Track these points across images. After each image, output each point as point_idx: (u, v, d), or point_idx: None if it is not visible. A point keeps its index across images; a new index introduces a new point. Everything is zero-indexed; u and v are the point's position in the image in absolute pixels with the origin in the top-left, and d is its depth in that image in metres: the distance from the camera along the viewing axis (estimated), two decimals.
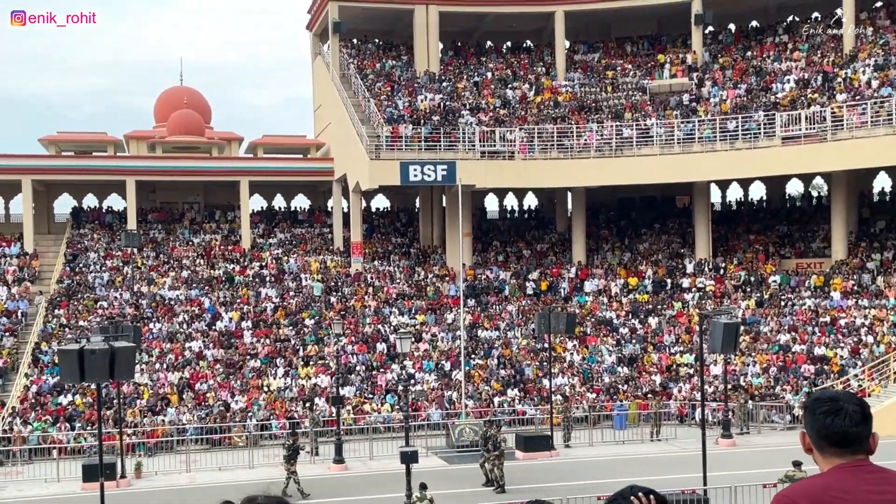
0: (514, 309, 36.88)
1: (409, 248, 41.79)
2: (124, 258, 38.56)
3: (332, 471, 24.98)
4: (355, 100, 40.32)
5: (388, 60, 44.04)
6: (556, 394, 29.73)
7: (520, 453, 26.07)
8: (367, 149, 36.30)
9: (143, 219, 41.58)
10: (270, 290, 37.06)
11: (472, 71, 44.15)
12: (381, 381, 31.69)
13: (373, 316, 35.55)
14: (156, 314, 34.71)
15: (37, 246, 39.18)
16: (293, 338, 33.97)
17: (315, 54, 46.33)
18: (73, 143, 44.59)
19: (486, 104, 41.12)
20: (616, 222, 43.93)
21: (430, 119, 39.02)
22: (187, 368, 31.56)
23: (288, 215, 44.75)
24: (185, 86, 50.07)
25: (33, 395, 29.31)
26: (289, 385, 31.09)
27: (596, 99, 41.62)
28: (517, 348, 34.29)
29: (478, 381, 31.78)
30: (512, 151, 37.87)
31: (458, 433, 27.25)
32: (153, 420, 28.50)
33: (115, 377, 16.20)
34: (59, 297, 35.47)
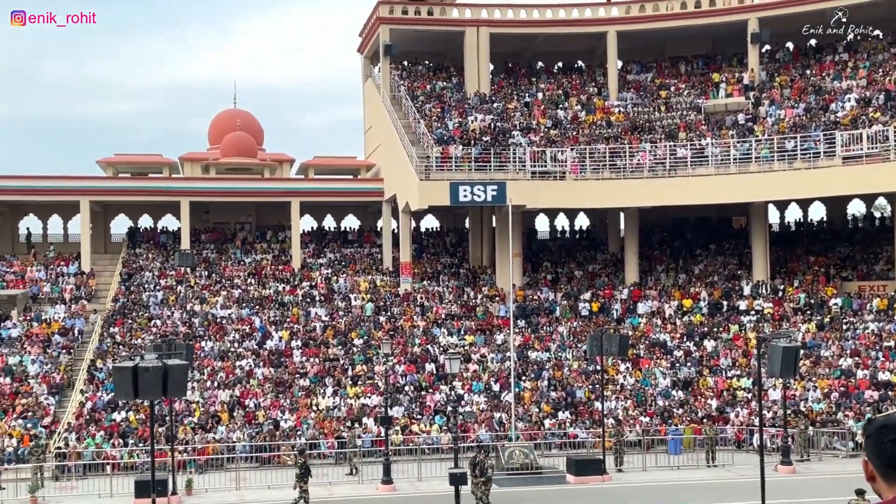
0: (565, 330, 36.67)
1: (459, 269, 41.92)
2: (178, 277, 39.42)
3: (380, 491, 25.02)
4: (405, 121, 40.80)
5: (438, 82, 44.53)
6: (608, 417, 29.40)
7: (571, 477, 25.82)
8: (417, 169, 36.64)
9: (197, 239, 42.50)
10: (320, 310, 37.47)
11: (523, 91, 44.37)
12: (429, 402, 31.71)
13: (422, 336, 35.66)
14: (208, 333, 35.33)
15: (94, 265, 40.30)
16: (342, 357, 34.25)
17: (366, 77, 47.08)
18: (130, 164, 45.90)
19: (537, 125, 41.23)
20: (670, 243, 43.50)
21: (481, 140, 39.26)
22: (238, 386, 32.01)
23: (338, 235, 45.32)
24: (239, 108, 51.26)
25: (88, 412, 30.00)
26: (337, 404, 31.29)
27: (649, 119, 41.44)
28: (568, 370, 34.03)
29: (528, 402, 31.59)
30: (563, 172, 37.86)
31: (507, 455, 27.07)
32: (204, 437, 28.91)
33: (168, 394, 16.48)
34: (115, 315, 36.36)
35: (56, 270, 39.74)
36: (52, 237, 44.31)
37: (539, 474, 26.63)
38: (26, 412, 29.89)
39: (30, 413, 29.88)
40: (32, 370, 32.44)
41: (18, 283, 38.41)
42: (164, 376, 15.67)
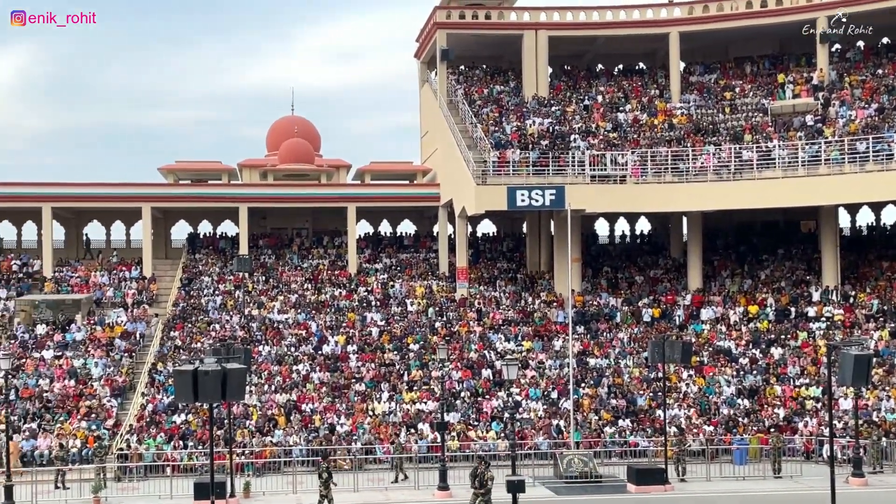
0: (626, 337, 36.32)
1: (516, 274, 41.89)
2: (236, 282, 40.25)
3: (436, 497, 25.11)
4: (462, 126, 41.01)
5: (495, 86, 44.67)
6: (670, 425, 29.01)
7: (631, 486, 25.57)
8: (474, 174, 36.78)
9: (255, 244, 43.36)
10: (376, 315, 37.81)
11: (582, 95, 44.21)
12: (486, 408, 31.70)
13: (478, 342, 35.70)
14: (265, 337, 35.95)
15: (155, 270, 41.43)
16: (398, 362, 34.49)
17: (423, 81, 47.49)
18: (190, 171, 47.06)
19: (597, 128, 41.02)
20: (735, 248, 42.80)
21: (539, 144, 39.21)
22: (294, 391, 32.48)
23: (394, 241, 45.74)
24: (296, 115, 52.14)
25: (149, 414, 30.79)
26: (393, 409, 31.50)
27: (713, 121, 40.88)
28: (629, 377, 33.68)
29: (587, 410, 31.34)
30: (623, 175, 37.58)
31: (566, 463, 26.95)
32: (262, 441, 29.38)
33: (227, 398, 16.65)
34: (175, 319, 37.28)
35: (119, 275, 40.97)
36: (115, 243, 45.69)
37: (598, 483, 26.45)
38: (90, 414, 30.83)
39: (93, 415, 30.82)
40: (96, 373, 33.46)
41: (83, 288, 39.69)
42: (223, 380, 15.85)
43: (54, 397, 31.76)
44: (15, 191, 41.01)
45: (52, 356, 34.33)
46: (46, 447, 28.92)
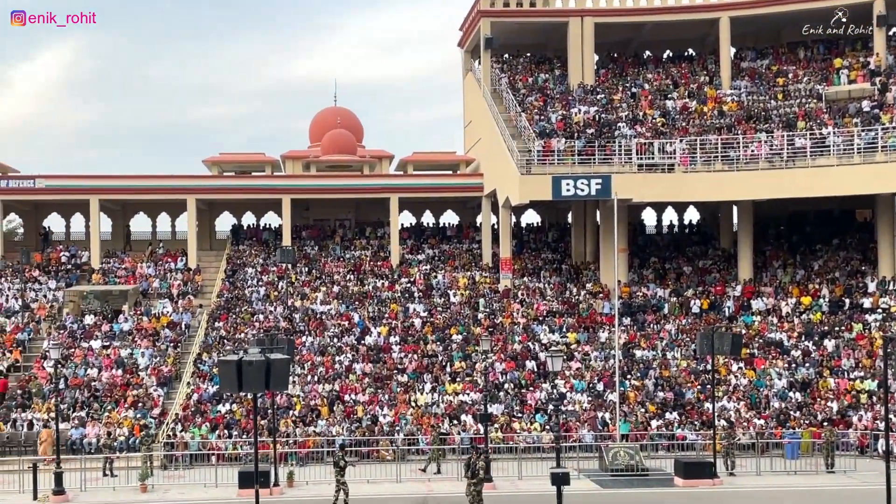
0: (673, 328, 36.00)
1: (561, 265, 41.76)
2: (279, 273, 40.80)
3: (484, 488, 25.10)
4: (506, 115, 40.93)
5: (540, 74, 44.49)
6: (719, 418, 28.69)
7: (679, 480, 25.40)
8: (518, 164, 36.70)
9: (298, 235, 43.87)
10: (418, 306, 38.01)
11: (629, 82, 43.81)
12: (530, 400, 31.71)
13: (522, 333, 35.67)
14: (308, 328, 36.38)
15: (199, 262, 42.18)
16: (441, 353, 34.64)
17: (466, 70, 47.49)
18: (234, 163, 47.76)
19: (644, 116, 40.62)
20: (787, 238, 42.10)
21: (584, 132, 38.97)
22: (337, 381, 32.83)
23: (436, 231, 45.89)
24: (339, 106, 52.49)
25: (194, 403, 31.40)
26: (436, 401, 31.67)
27: (765, 107, 40.21)
28: (676, 369, 33.38)
29: (633, 402, 31.15)
30: (672, 164, 37.17)
31: (612, 456, 26.85)
32: (305, 431, 29.78)
33: (271, 388, 16.94)
34: (219, 310, 37.93)
35: (164, 267, 41.79)
36: (161, 235, 46.63)
37: (645, 476, 26.32)
38: (137, 403, 31.56)
39: (140, 404, 31.54)
40: (142, 363, 34.22)
41: (129, 279, 40.60)
42: (266, 370, 16.12)
43: (102, 386, 32.57)
44: (63, 183, 42.05)
45: (101, 346, 35.18)
46: (94, 435, 29.68)
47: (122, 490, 25.69)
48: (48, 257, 42.20)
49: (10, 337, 35.73)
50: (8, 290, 39.36)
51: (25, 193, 41.99)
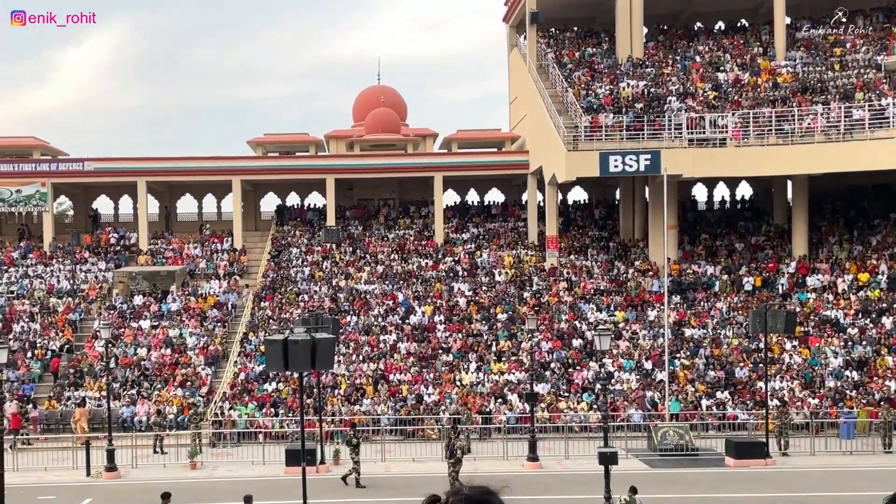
0: (725, 306, 35.57)
1: (608, 242, 41.48)
2: (324, 253, 41.23)
3: (525, 468, 25.28)
4: (552, 90, 40.60)
5: (587, 48, 44.00)
6: (772, 398, 28.33)
7: (730, 460, 25.18)
8: (565, 140, 36.42)
9: (342, 215, 44.24)
10: (463, 285, 38.10)
11: (680, 55, 43.10)
12: (577, 379, 31.65)
13: (568, 312, 35.56)
14: (352, 307, 36.74)
15: (245, 242, 42.82)
16: (486, 333, 34.72)
17: (511, 46, 47.17)
18: (278, 144, 48.25)
19: (695, 89, 39.95)
20: (843, 212, 41.20)
21: (633, 107, 38.49)
22: (382, 361, 33.13)
23: (481, 210, 45.87)
24: (382, 85, 52.61)
25: (241, 382, 31.99)
26: (481, 380, 31.78)
27: (821, 79, 39.23)
28: (728, 348, 32.99)
29: (683, 381, 30.90)
30: (724, 138, 36.55)
31: (661, 436, 26.71)
32: (350, 409, 30.15)
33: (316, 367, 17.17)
34: (265, 290, 38.49)
35: (211, 247, 42.50)
36: (207, 216, 47.40)
37: (695, 456, 26.15)
38: (185, 382, 32.27)
39: (188, 383, 32.24)
40: (190, 342, 34.95)
41: (177, 260, 41.39)
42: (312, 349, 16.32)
43: (152, 365, 33.36)
44: (111, 166, 42.97)
45: (150, 326, 36.00)
46: (145, 413, 30.45)
47: (172, 467, 26.35)
48: (98, 239, 43.22)
49: (61, 317, 36.75)
50: (59, 271, 40.47)
51: (75, 176, 43.01)
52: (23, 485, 23.66)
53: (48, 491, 23.64)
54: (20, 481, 23.87)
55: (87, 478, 25.02)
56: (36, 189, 42.07)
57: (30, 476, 25.24)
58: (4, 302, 37.87)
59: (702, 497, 21.91)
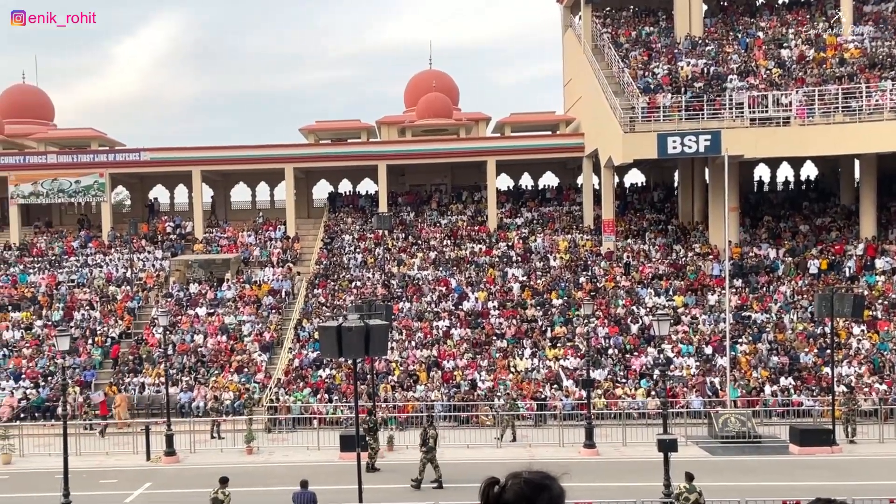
0: (789, 290, 34.92)
1: (667, 225, 41.00)
2: (376, 240, 41.57)
3: (582, 455, 25.22)
4: (608, 71, 40.19)
5: (644, 27, 43.45)
6: (838, 384, 27.75)
7: (794, 447, 24.78)
8: (621, 121, 36.06)
9: (394, 202, 44.52)
10: (517, 270, 38.07)
11: (741, 32, 42.28)
12: (634, 365, 31.42)
13: (626, 297, 35.29)
14: (405, 294, 37.00)
15: (298, 230, 43.40)
16: (540, 318, 34.66)
17: (566, 27, 46.80)
18: (330, 131, 48.69)
19: (757, 67, 39.15)
20: None
21: (692, 86, 37.90)
22: (435, 347, 33.33)
23: (535, 194, 45.71)
24: (434, 69, 52.65)
25: (296, 369, 32.50)
26: (536, 366, 31.77)
27: (890, 54, 38.12)
28: (792, 333, 32.39)
29: (745, 367, 30.45)
30: (787, 117, 35.77)
31: (721, 422, 26.39)
32: (403, 396, 30.43)
33: (370, 353, 17.31)
34: (318, 277, 38.99)
35: (264, 235, 43.19)
36: (260, 204, 48.15)
37: (757, 443, 25.79)
38: (241, 368, 32.92)
39: (244, 369, 32.88)
40: (245, 329, 35.60)
41: (231, 248, 42.17)
42: (366, 336, 16.46)
43: (208, 352, 34.10)
44: (167, 156, 43.91)
45: (206, 313, 36.77)
46: (202, 399, 31.16)
47: (229, 452, 26.95)
48: (154, 228, 44.26)
49: (120, 305, 37.77)
50: (117, 260, 41.57)
51: (131, 166, 44.08)
52: (85, 468, 24.44)
53: (110, 475, 24.38)
54: (83, 465, 24.67)
55: (147, 462, 25.74)
56: (94, 179, 43.25)
57: (92, 460, 26.07)
58: (66, 290, 39.06)
59: (765, 485, 21.59)
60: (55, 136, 46.91)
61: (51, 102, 51.57)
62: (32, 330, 36.30)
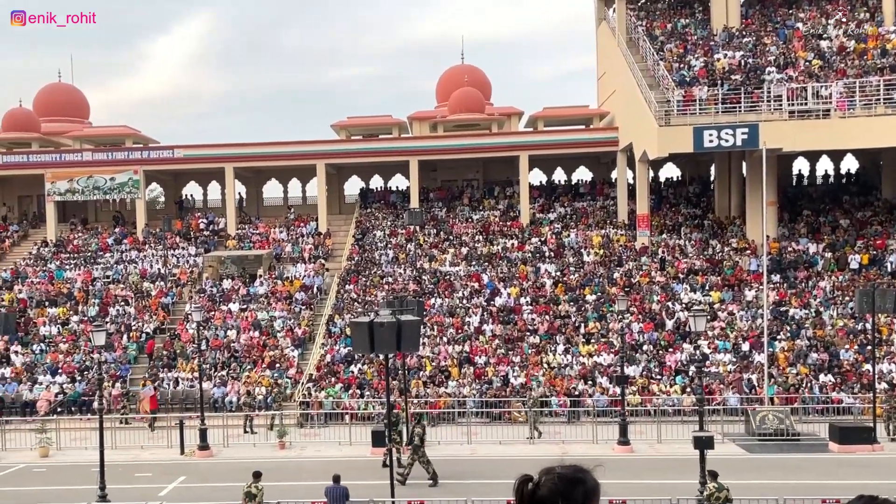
0: (828, 285, 34.46)
1: (703, 220, 40.65)
2: (407, 236, 41.70)
3: (616, 452, 25.12)
4: (643, 64, 39.95)
5: (680, 19, 43.12)
6: (880, 381, 27.35)
7: (833, 445, 24.48)
8: (656, 115, 35.82)
9: (425, 197, 44.61)
10: (549, 266, 37.97)
11: (779, 23, 41.78)
12: (669, 361, 31.21)
13: (661, 292, 35.06)
14: (437, 289, 37.08)
15: (329, 226, 43.66)
16: (574, 314, 34.55)
17: (600, 20, 46.57)
18: (361, 127, 48.90)
19: (796, 59, 38.67)
20: None
21: (729, 79, 37.53)
22: (467, 343, 33.36)
23: (568, 189, 45.54)
24: (466, 64, 52.63)
25: (327, 364, 32.72)
26: (569, 362, 31.68)
27: None
28: (832, 329, 31.97)
29: (783, 364, 30.11)
30: (827, 109, 35.29)
31: (759, 420, 26.13)
32: (435, 391, 30.51)
33: (402, 349, 17.38)
34: (350, 273, 39.21)
35: (296, 231, 43.52)
36: (292, 200, 48.52)
37: (796, 441, 25.51)
38: (273, 363, 33.23)
39: (276, 364, 33.18)
40: (277, 325, 35.91)
41: (263, 244, 42.56)
42: (397, 331, 16.53)
43: (241, 347, 34.46)
44: (200, 153, 44.42)
45: (238, 309, 37.16)
46: (235, 394, 31.51)
47: (261, 446, 27.23)
48: (188, 224, 44.80)
49: (155, 301, 38.29)
50: (152, 256, 42.15)
51: (165, 163, 44.65)
52: (121, 462, 24.84)
53: (144, 468, 24.76)
54: (119, 458, 25.08)
55: (181, 456, 26.09)
56: (129, 177, 43.89)
57: (127, 453, 26.49)
58: (101, 286, 39.70)
59: (804, 483, 21.34)
60: (90, 134, 47.67)
61: (86, 100, 52.40)
62: (69, 325, 36.97)
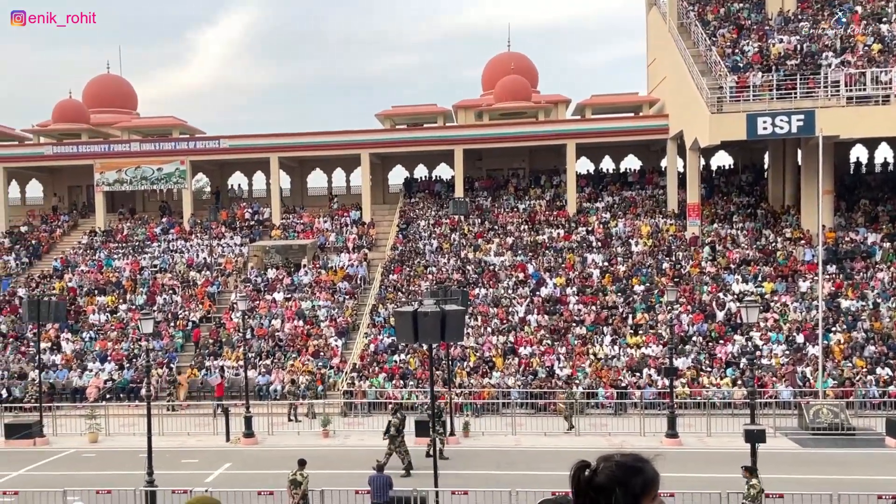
0: (887, 277, 33.73)
1: (756, 209, 40.04)
2: (452, 225, 41.75)
3: (664, 444, 24.92)
4: (694, 50, 39.42)
5: (733, 3, 42.47)
6: None
7: (891, 440, 24.07)
8: (708, 102, 35.34)
9: (470, 187, 44.60)
10: (597, 256, 37.73)
11: (837, 6, 40.88)
12: (720, 353, 30.83)
13: (711, 283, 34.63)
14: (481, 279, 37.08)
15: (373, 215, 43.92)
16: (621, 305, 34.30)
17: (650, 5, 46.10)
18: (406, 116, 49.03)
19: (855, 43, 37.82)
20: None
21: (784, 64, 36.86)
22: (511, 333, 33.33)
23: (617, 177, 45.19)
24: (513, 51, 52.41)
25: (371, 354, 32.96)
26: (616, 354, 31.48)
27: None
28: (890, 321, 31.29)
29: (838, 356, 29.57)
30: (887, 95, 34.49)
31: (813, 414, 25.74)
32: (479, 382, 30.55)
33: (446, 339, 17.39)
34: (393, 262, 39.40)
35: (340, 221, 43.85)
36: (336, 190, 48.87)
37: (851, 436, 25.07)
38: (317, 353, 33.58)
39: (320, 353, 33.52)
40: (321, 314, 36.26)
41: (308, 234, 42.97)
42: (442, 321, 16.54)
43: (285, 336, 34.87)
44: (245, 143, 44.97)
45: (283, 298, 37.59)
46: (279, 382, 31.93)
47: (305, 434, 27.55)
48: (233, 214, 45.42)
49: (201, 290, 38.92)
50: (198, 245, 42.83)
51: (211, 154, 45.31)
52: (168, 448, 25.34)
53: (191, 455, 25.22)
54: (166, 444, 25.59)
55: (227, 443, 26.53)
56: (176, 167, 44.62)
57: (174, 440, 27.03)
58: (149, 275, 40.48)
59: (859, 478, 20.96)
60: (138, 125, 48.55)
61: (134, 92, 53.35)
62: (117, 313, 37.77)
